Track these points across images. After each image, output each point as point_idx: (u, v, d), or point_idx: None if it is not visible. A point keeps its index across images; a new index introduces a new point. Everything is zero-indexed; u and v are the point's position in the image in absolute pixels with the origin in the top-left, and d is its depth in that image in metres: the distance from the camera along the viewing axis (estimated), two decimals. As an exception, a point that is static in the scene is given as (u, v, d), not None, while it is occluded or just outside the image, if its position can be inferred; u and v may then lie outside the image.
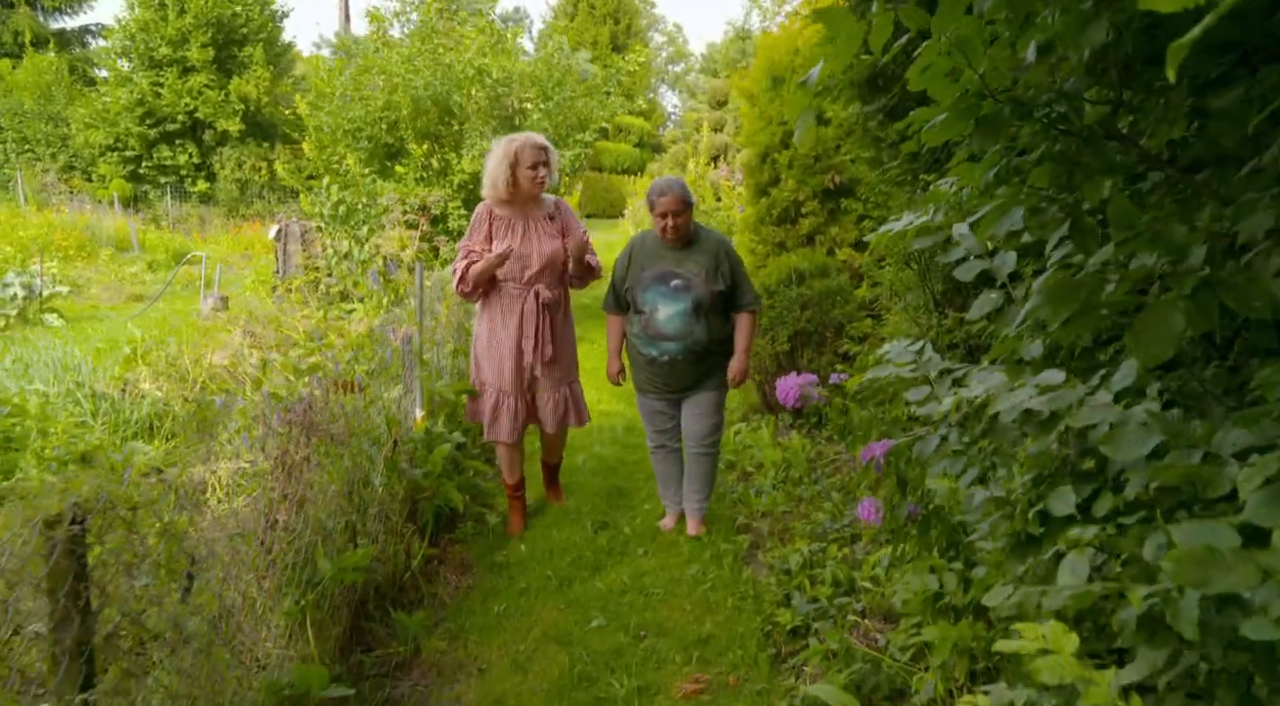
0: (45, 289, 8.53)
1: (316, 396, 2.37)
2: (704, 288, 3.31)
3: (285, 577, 2.28)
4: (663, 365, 3.43)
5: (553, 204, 3.67)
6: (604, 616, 3.05)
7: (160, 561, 1.64)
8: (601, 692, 2.60)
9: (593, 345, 6.94)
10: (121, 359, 4.47)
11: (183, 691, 1.75)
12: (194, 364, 4.27)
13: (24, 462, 3.15)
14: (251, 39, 20.40)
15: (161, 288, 9.68)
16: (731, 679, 2.64)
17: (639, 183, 19.27)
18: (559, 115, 8.40)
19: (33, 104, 20.37)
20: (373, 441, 2.86)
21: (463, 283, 3.48)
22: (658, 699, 2.57)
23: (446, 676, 2.72)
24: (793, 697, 2.47)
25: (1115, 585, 0.92)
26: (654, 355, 3.41)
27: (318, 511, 2.41)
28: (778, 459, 4.38)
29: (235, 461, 2.83)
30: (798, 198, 6.10)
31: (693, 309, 3.32)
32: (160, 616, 1.66)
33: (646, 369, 3.50)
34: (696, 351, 3.38)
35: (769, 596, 3.07)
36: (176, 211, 19.02)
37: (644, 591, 3.24)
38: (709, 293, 3.32)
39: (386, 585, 3.08)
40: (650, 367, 3.47)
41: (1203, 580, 0.80)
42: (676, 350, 3.36)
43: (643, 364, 3.50)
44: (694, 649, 2.82)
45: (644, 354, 3.45)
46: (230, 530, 1.94)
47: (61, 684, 1.38)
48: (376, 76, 8.03)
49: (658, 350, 3.39)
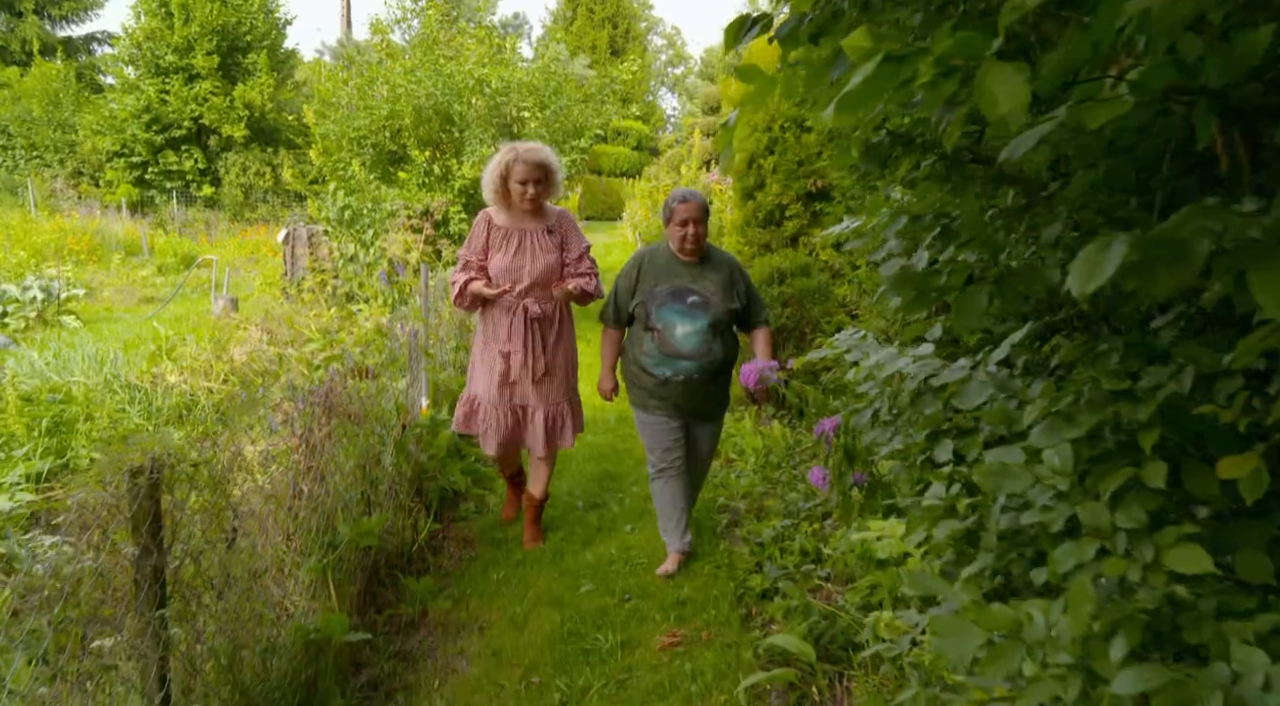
0: (63, 292, 8.87)
1: (335, 382, 2.70)
2: (721, 305, 3.19)
3: (310, 539, 2.61)
4: (676, 385, 3.22)
5: (555, 216, 3.54)
6: (593, 582, 3.38)
7: (212, 512, 1.97)
8: (589, 645, 2.92)
9: (587, 343, 7.25)
10: (148, 355, 4.81)
11: (227, 626, 2.08)
12: (215, 359, 4.60)
13: (74, 442, 3.51)
14: (256, 46, 20.78)
15: (174, 290, 10.02)
16: (705, 634, 2.96)
17: (637, 186, 19.60)
18: (555, 123, 8.76)
19: (41, 111, 20.74)
20: (383, 425, 3.19)
21: (461, 297, 3.42)
22: (639, 651, 2.89)
23: (451, 633, 3.05)
24: (757, 647, 2.79)
25: (952, 498, 1.24)
26: (668, 375, 3.21)
27: (337, 483, 2.74)
28: (759, 446, 4.71)
29: (259, 445, 3.15)
30: (782, 201, 6.42)
31: (710, 327, 3.17)
32: (213, 559, 1.99)
33: (657, 390, 3.27)
34: (711, 371, 3.23)
35: (742, 565, 3.39)
36: (182, 216, 19.37)
37: (630, 562, 3.56)
38: (725, 310, 3.20)
39: (395, 556, 3.40)
40: (662, 388, 3.25)
41: (998, 485, 1.11)
42: (693, 369, 3.19)
43: (650, 385, 3.28)
44: (672, 609, 3.14)
45: (654, 374, 3.23)
46: (266, 492, 2.27)
47: (142, 602, 1.70)
48: (381, 86, 8.38)
49: (672, 369, 3.20)
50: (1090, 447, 1.06)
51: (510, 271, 3.39)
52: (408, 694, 2.67)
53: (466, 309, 3.51)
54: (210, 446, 1.98)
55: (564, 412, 3.58)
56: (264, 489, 2.28)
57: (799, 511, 3.77)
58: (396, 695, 2.66)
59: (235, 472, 2.09)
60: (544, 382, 3.49)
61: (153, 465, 1.68)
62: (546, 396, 3.52)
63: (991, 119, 0.70)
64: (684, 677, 2.70)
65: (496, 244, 3.43)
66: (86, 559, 1.54)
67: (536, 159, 3.36)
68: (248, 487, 2.23)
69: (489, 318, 3.49)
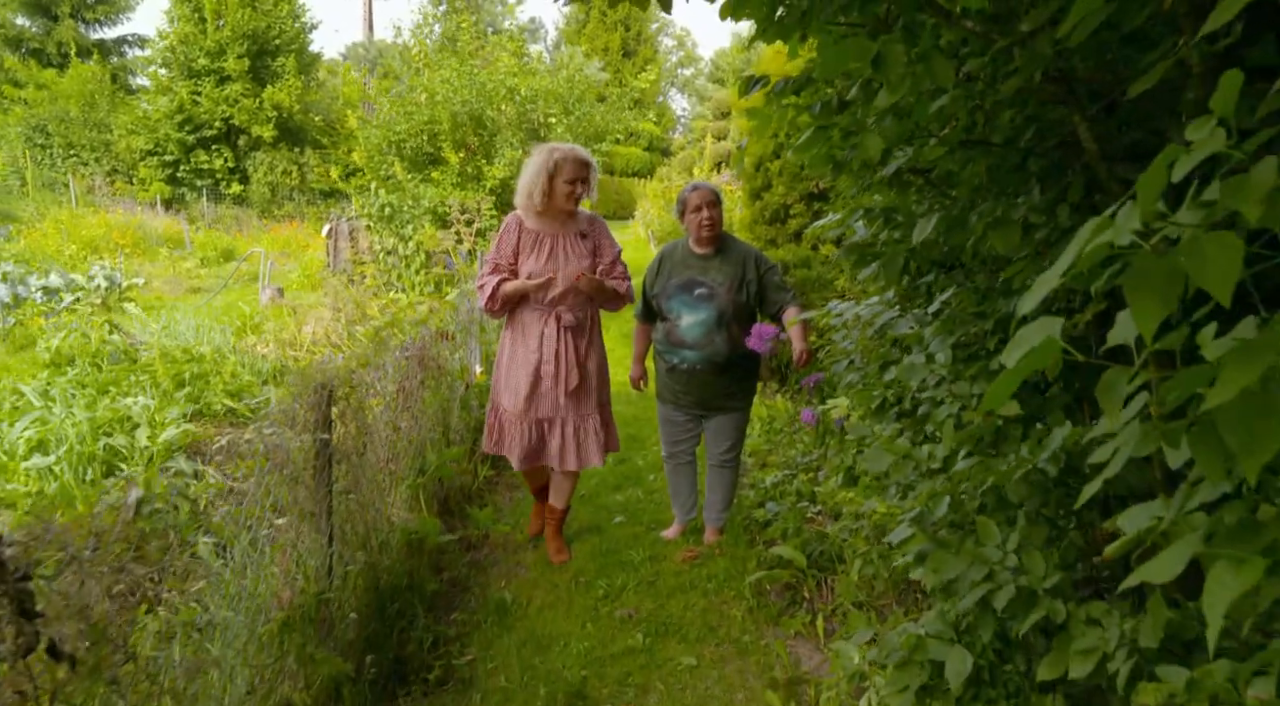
0: (124, 281, 9.62)
1: (427, 340, 3.39)
2: (726, 297, 3.26)
3: (407, 463, 3.31)
4: (681, 373, 3.39)
5: (587, 220, 3.41)
6: (624, 516, 4.07)
7: (356, 422, 2.66)
8: (623, 559, 3.61)
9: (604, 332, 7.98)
10: (235, 329, 5.52)
11: (358, 515, 2.78)
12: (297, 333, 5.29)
13: (208, 392, 4.24)
14: (284, 50, 21.61)
15: (224, 280, 10.78)
16: (717, 550, 3.64)
17: (649, 186, 20.30)
18: (579, 127, 9.48)
19: (78, 111, 21.61)
20: (453, 382, 3.89)
21: (492, 300, 3.26)
22: (664, 563, 3.58)
23: (510, 549, 3.75)
24: (760, 558, 3.47)
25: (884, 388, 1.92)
26: (674, 363, 3.38)
27: (425, 422, 3.44)
28: (764, 415, 5.38)
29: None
30: (786, 201, 7.10)
31: (715, 319, 3.26)
32: (353, 460, 2.69)
33: (667, 377, 3.49)
34: (717, 362, 3.31)
35: (748, 502, 4.07)
36: (212, 212, 20.22)
37: (655, 502, 4.25)
38: (732, 303, 3.27)
39: (460, 492, 4.10)
40: (670, 376, 3.46)
41: (909, 376, 1.79)
42: (695, 359, 3.31)
43: (663, 371, 3.50)
44: (691, 535, 3.82)
45: (665, 361, 3.44)
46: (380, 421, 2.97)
47: (317, 479, 2.40)
48: (419, 94, 9.12)
49: (677, 358, 3.36)
50: (962, 351, 1.72)
51: (541, 276, 3.26)
52: (481, 587, 3.37)
53: (497, 313, 3.35)
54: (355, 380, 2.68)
55: (594, 426, 3.39)
56: (378, 419, 2.98)
57: (797, 465, 4.45)
58: (473, 588, 3.36)
59: (369, 399, 2.79)
60: (577, 393, 3.36)
61: (328, 383, 2.39)
62: (577, 407, 3.37)
63: (871, 162, 1.37)
64: (701, 578, 3.39)
65: (527, 248, 3.29)
66: (293, 440, 2.24)
67: (583, 157, 3.25)
68: (372, 418, 2.93)
69: (517, 325, 3.34)
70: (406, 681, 2.70)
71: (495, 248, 3.35)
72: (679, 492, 3.77)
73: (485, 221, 9.19)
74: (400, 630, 2.84)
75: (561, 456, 3.39)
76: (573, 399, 3.36)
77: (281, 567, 2.20)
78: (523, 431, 3.35)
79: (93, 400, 3.96)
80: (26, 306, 7.76)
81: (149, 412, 3.74)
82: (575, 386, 3.33)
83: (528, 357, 3.30)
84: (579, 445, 3.39)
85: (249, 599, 1.93)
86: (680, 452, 3.65)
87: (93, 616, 1.27)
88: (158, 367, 4.21)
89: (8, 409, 4.05)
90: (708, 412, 3.51)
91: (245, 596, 1.96)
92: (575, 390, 3.34)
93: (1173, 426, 0.87)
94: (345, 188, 10.02)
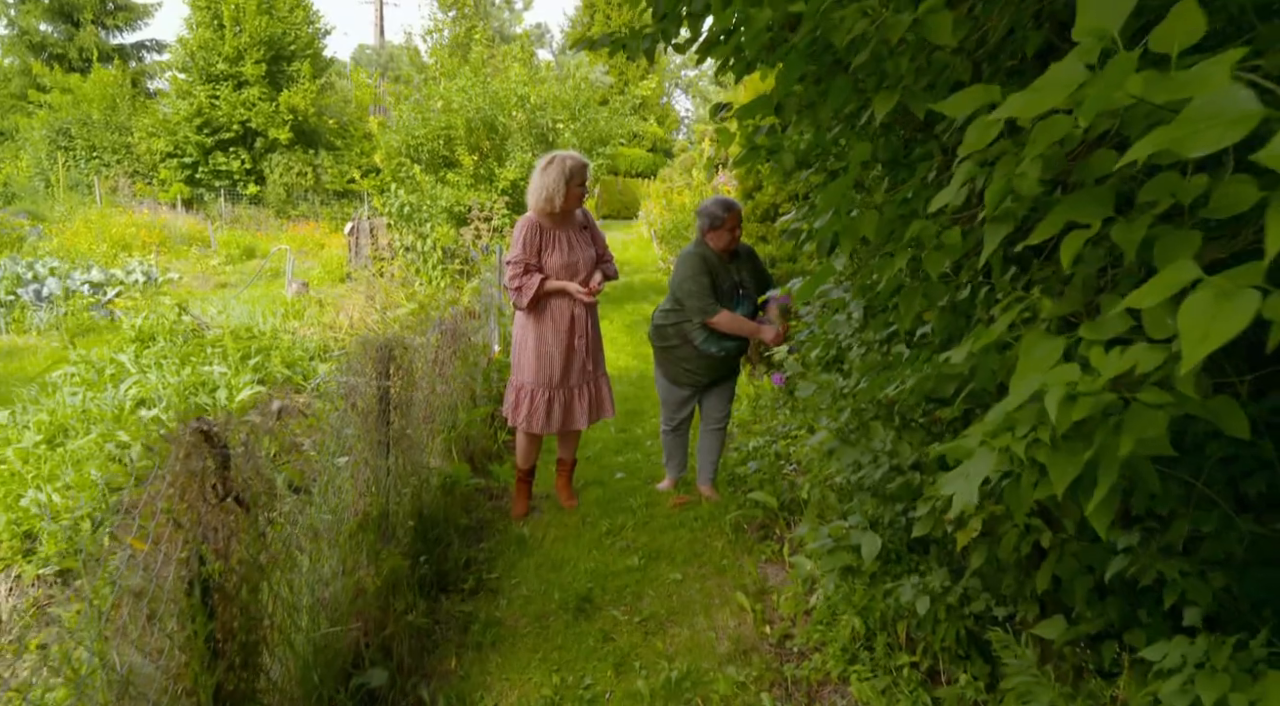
0: (159, 276, 10.31)
1: (459, 317, 4.02)
2: (755, 293, 3.93)
3: (441, 420, 3.94)
4: (720, 360, 3.94)
5: (581, 214, 3.94)
6: (625, 473, 4.70)
7: (407, 377, 3.29)
8: (623, 505, 4.23)
9: (609, 322, 8.59)
10: (280, 315, 6.17)
11: (406, 455, 3.40)
12: (335, 318, 5.93)
13: (269, 365, 4.91)
14: (299, 55, 22.33)
15: (254, 275, 11.45)
16: (703, 499, 4.26)
17: (652, 186, 20.92)
18: (585, 132, 10.12)
19: (100, 114, 22.35)
20: (478, 356, 4.52)
21: (521, 293, 3.74)
22: (658, 508, 4.20)
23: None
24: (740, 501, 4.08)
25: (826, 345, 2.53)
26: (714, 352, 3.89)
27: (456, 386, 4.07)
28: (751, 393, 6.00)
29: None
30: (776, 201, 7.70)
31: (751, 312, 3.89)
32: (404, 410, 3.32)
33: (699, 361, 3.94)
34: (743, 345, 3.98)
35: (732, 461, 4.69)
36: (230, 213, 20.92)
37: (651, 462, 4.88)
38: (756, 295, 3.94)
39: (482, 453, 4.73)
40: (704, 360, 3.93)
41: (833, 331, 2.39)
42: (733, 347, 3.93)
43: (694, 357, 3.93)
44: (682, 486, 4.44)
45: (703, 350, 3.89)
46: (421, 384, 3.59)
47: (378, 419, 3.03)
48: (436, 101, 9.77)
49: (718, 347, 3.89)
50: (872, 309, 2.33)
51: (568, 267, 3.79)
52: (503, 526, 4.00)
53: (526, 307, 3.79)
54: (407, 342, 3.31)
55: (605, 383, 4.09)
56: (422, 377, 3.61)
57: (777, 433, 5.06)
58: (496, 526, 3.99)
59: (416, 361, 3.41)
60: (595, 358, 4.00)
61: (388, 343, 3.02)
62: (595, 370, 4.02)
63: (789, 172, 1.99)
64: (689, 518, 4.02)
65: (549, 245, 3.78)
66: (361, 384, 2.88)
67: (587, 162, 3.85)
68: (418, 375, 3.56)
69: (549, 311, 3.83)
70: (447, 589, 3.33)
71: (521, 249, 3.76)
72: (673, 456, 4.38)
73: (500, 220, 9.85)
74: (439, 552, 3.47)
75: (592, 412, 4.02)
76: (592, 362, 3.99)
77: (357, 485, 2.83)
78: (557, 400, 3.91)
79: (177, 368, 4.64)
80: (75, 299, 8.42)
81: (225, 378, 4.41)
82: (594, 352, 3.99)
83: (559, 338, 3.84)
84: (600, 401, 4.06)
85: (339, 495, 2.56)
86: (681, 423, 4.25)
87: (263, 473, 1.90)
88: (227, 342, 4.87)
89: (110, 373, 4.76)
90: (714, 384, 4.10)
91: (334, 496, 2.59)
92: (594, 355, 3.99)
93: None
94: (362, 187, 10.68)
